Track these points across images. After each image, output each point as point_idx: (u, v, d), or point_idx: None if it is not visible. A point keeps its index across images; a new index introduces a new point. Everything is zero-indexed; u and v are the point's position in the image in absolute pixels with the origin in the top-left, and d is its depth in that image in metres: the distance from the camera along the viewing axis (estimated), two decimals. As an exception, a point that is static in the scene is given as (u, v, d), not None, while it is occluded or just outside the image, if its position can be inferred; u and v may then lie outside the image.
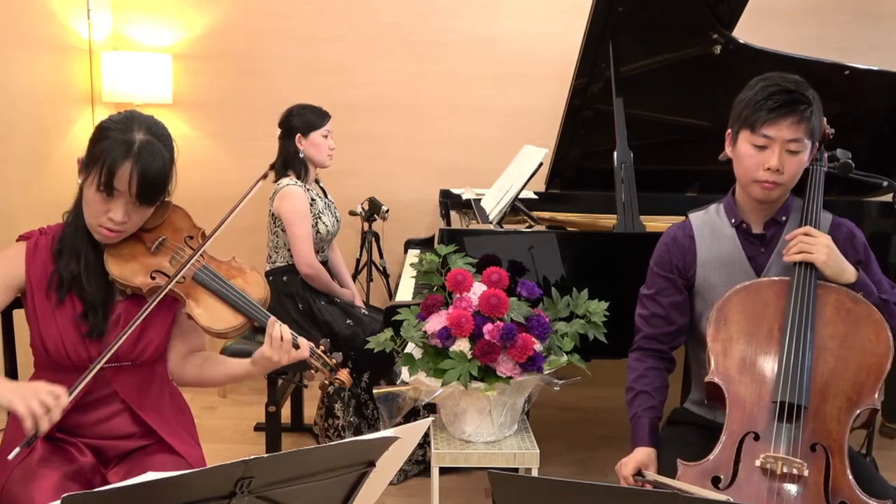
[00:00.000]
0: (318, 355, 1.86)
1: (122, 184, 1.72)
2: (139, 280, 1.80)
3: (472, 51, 4.25)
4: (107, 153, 1.71)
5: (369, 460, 1.32)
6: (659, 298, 2.09)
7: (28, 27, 3.74)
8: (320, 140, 3.33)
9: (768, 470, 1.68)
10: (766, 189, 1.92)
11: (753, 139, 1.91)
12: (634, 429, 1.99)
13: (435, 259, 2.48)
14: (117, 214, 1.75)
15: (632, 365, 2.11)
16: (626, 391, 2.07)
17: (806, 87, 1.91)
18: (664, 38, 3.14)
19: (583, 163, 3.58)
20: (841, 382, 1.77)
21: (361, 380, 3.24)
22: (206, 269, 1.85)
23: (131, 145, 1.72)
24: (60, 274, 1.79)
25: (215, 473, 1.11)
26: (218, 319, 1.81)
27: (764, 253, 2.01)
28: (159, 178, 1.76)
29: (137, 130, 1.75)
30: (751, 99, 1.91)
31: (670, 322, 2.08)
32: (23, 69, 3.69)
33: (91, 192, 1.74)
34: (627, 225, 2.77)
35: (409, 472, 3.18)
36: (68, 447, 1.83)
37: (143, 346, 1.86)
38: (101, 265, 1.81)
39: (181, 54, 4.26)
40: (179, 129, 4.32)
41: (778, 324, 1.83)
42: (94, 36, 4.15)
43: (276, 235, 3.33)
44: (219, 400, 4.11)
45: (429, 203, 4.22)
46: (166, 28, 4.25)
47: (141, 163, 1.72)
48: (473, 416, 2.36)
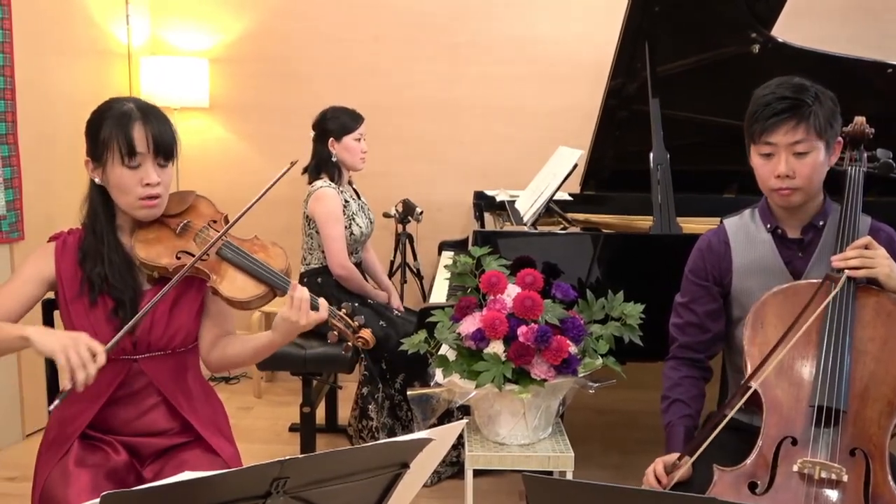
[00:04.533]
0: (339, 317, 1.88)
1: (142, 145, 1.81)
2: (165, 261, 1.85)
3: (507, 51, 4.26)
4: (115, 129, 1.80)
5: (403, 462, 1.33)
6: (693, 307, 2.08)
7: (68, 33, 3.82)
8: (353, 144, 3.35)
9: (806, 475, 1.67)
10: (784, 196, 1.92)
11: (759, 149, 1.92)
12: (669, 437, 1.99)
13: (469, 261, 2.48)
14: (151, 176, 1.83)
15: (667, 374, 2.10)
16: (661, 400, 2.07)
17: (805, 89, 1.88)
18: (701, 38, 3.12)
19: (618, 164, 3.57)
20: (881, 386, 1.75)
21: (395, 381, 3.26)
22: (230, 245, 1.90)
23: (132, 112, 1.82)
24: (90, 278, 1.84)
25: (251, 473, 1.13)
26: (240, 290, 1.85)
27: (802, 258, 1.99)
28: (168, 130, 1.86)
29: (128, 102, 1.85)
30: (750, 110, 1.92)
31: (705, 330, 2.07)
32: (64, 74, 3.77)
33: (116, 172, 1.81)
34: (664, 226, 2.75)
35: (442, 474, 3.19)
36: (103, 446, 1.86)
37: (173, 333, 1.89)
38: (125, 262, 1.87)
39: (218, 58, 4.32)
40: (215, 132, 4.39)
41: (816, 327, 1.81)
42: (133, 41, 4.23)
43: (311, 237, 3.36)
44: (254, 400, 4.16)
45: (463, 205, 4.23)
46: (203, 32, 4.32)
47: (150, 120, 1.83)
48: (507, 419, 2.36)
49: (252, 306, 1.88)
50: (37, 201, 3.56)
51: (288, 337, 1.87)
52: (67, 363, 1.63)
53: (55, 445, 1.84)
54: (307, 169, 3.40)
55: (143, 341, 1.86)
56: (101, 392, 1.84)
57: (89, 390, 1.82)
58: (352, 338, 1.89)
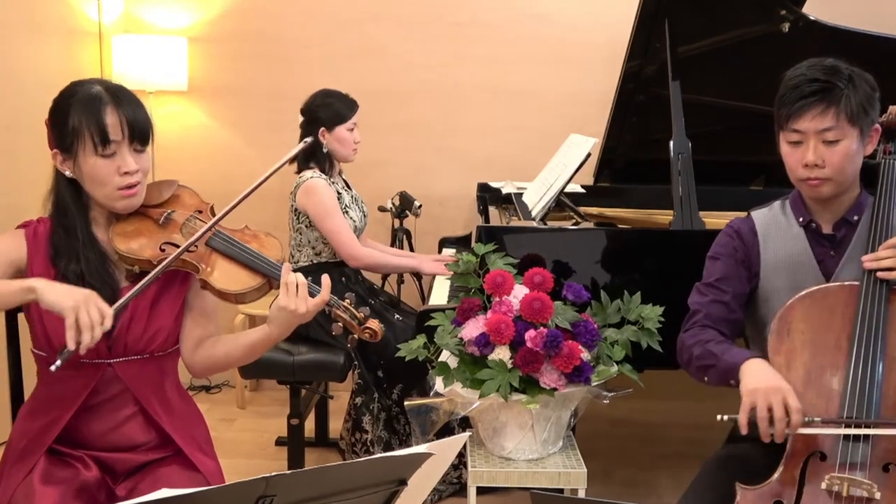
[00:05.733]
0: (344, 307, 1.90)
1: (116, 131, 1.80)
2: (148, 253, 1.86)
3: (515, 31, 4.26)
4: (84, 116, 1.80)
5: (401, 478, 1.34)
6: (721, 286, 2.05)
7: (35, 10, 3.83)
8: (345, 135, 3.36)
9: (834, 493, 1.68)
10: (813, 186, 1.93)
11: (787, 136, 1.93)
12: (728, 355, 1.89)
13: (472, 259, 2.50)
14: (129, 163, 1.82)
15: (686, 342, 2.02)
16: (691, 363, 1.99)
17: (837, 71, 1.88)
18: (726, 15, 3.13)
19: (635, 153, 3.58)
20: (917, 396, 1.76)
21: (392, 391, 3.27)
22: (220, 234, 1.91)
23: (100, 95, 1.82)
24: (65, 276, 1.84)
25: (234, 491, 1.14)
26: (234, 281, 1.87)
27: (834, 256, 2.00)
28: (142, 111, 1.86)
29: (94, 85, 1.85)
30: (779, 94, 1.93)
31: (732, 310, 2.04)
32: (30, 55, 3.78)
33: (90, 162, 1.81)
34: (685, 221, 2.76)
35: (443, 493, 3.20)
36: (72, 461, 1.86)
37: (152, 335, 1.90)
38: (101, 259, 1.87)
39: (197, 37, 4.32)
40: (196, 118, 4.39)
41: (846, 333, 1.82)
42: (105, 18, 4.23)
43: (300, 233, 3.37)
44: (237, 411, 4.17)
45: (466, 198, 4.23)
46: (181, 9, 4.32)
47: (121, 104, 1.82)
48: (514, 432, 2.38)
49: (247, 299, 1.89)
50: (0, 191, 3.57)
51: (287, 328, 1.87)
52: (76, 322, 1.65)
53: (20, 461, 1.84)
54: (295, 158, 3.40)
55: (119, 342, 1.86)
56: (71, 400, 1.84)
57: (58, 399, 1.83)
58: (357, 330, 1.90)
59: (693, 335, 2.01)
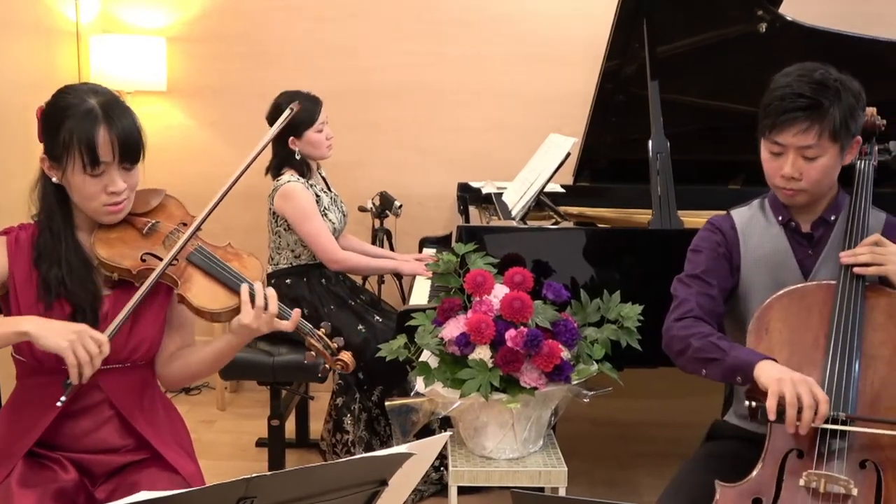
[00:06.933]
0: (318, 337, 1.90)
1: (107, 153, 1.78)
2: (128, 263, 1.85)
3: (494, 30, 4.26)
4: (77, 133, 1.76)
5: (381, 479, 1.34)
6: (706, 278, 2.04)
7: (11, 10, 3.79)
8: (315, 137, 3.33)
9: (811, 489, 1.70)
10: (788, 195, 1.96)
11: (768, 145, 1.94)
12: (739, 352, 1.85)
13: (453, 259, 2.50)
14: (117, 184, 1.81)
15: (679, 332, 1.97)
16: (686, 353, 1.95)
17: (825, 87, 1.87)
18: (703, 15, 3.14)
19: (615, 153, 3.59)
20: (894, 392, 1.78)
21: (373, 392, 3.27)
22: (202, 250, 1.90)
23: (95, 112, 1.78)
24: (47, 280, 1.83)
25: (214, 493, 1.13)
26: (212, 300, 1.86)
27: (811, 255, 2.02)
28: (134, 132, 1.83)
29: (90, 97, 1.80)
30: (766, 101, 1.93)
31: (717, 304, 2.03)
32: (6, 55, 3.75)
33: (78, 179, 1.79)
34: (664, 221, 2.78)
35: (424, 493, 3.20)
36: (50, 464, 1.85)
37: (135, 345, 1.89)
38: (84, 265, 1.86)
39: (176, 37, 4.30)
40: (175, 118, 4.37)
41: (824, 331, 1.84)
42: (82, 18, 4.20)
43: (279, 236, 3.36)
44: (217, 413, 4.15)
45: (446, 198, 4.23)
46: (160, 9, 4.30)
47: (114, 124, 1.78)
48: (495, 431, 2.38)
49: (223, 318, 1.88)
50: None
51: (249, 339, 1.88)
52: (76, 360, 1.66)
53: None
54: (269, 169, 3.38)
55: None
56: (51, 406, 1.81)
57: (37, 404, 1.82)
58: (330, 360, 1.90)
59: (687, 326, 1.97)
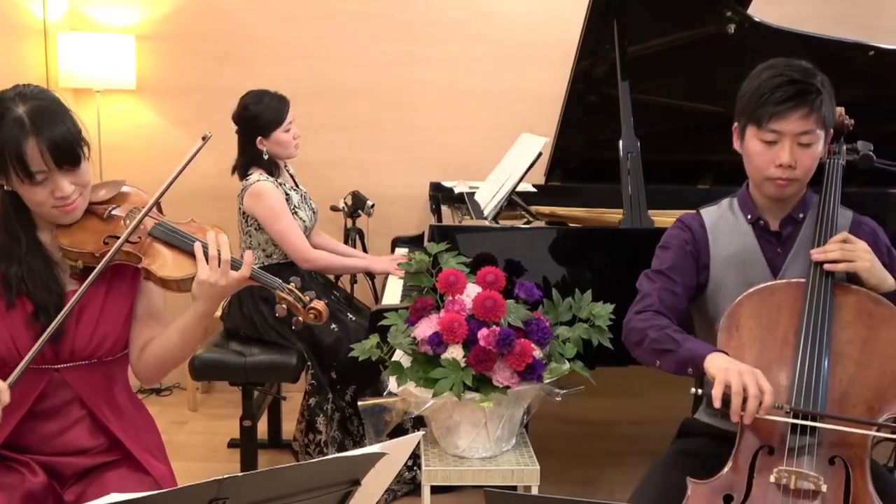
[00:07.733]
0: (288, 290, 1.87)
1: (38, 163, 1.72)
2: (91, 247, 1.83)
3: (466, 31, 4.27)
4: (5, 145, 1.71)
5: (354, 479, 1.34)
6: (671, 275, 2.05)
7: (-23, 7, 3.75)
8: (283, 137, 3.32)
9: (782, 486, 1.71)
10: (780, 186, 1.95)
11: (762, 135, 1.93)
12: (691, 344, 1.87)
13: (425, 258, 2.50)
14: (62, 188, 1.76)
15: (638, 325, 1.99)
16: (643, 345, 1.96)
17: (814, 74, 1.92)
18: (673, 16, 3.16)
19: (586, 153, 3.61)
20: (861, 390, 1.80)
21: (346, 392, 3.26)
22: (163, 223, 1.90)
23: (21, 122, 1.71)
24: (6, 278, 1.81)
25: (186, 494, 1.13)
26: (176, 268, 1.84)
27: (780, 253, 2.04)
28: (68, 136, 1.75)
29: (17, 105, 1.73)
30: (755, 91, 1.93)
31: (680, 301, 2.04)
32: (-29, 52, 3.70)
33: (23, 188, 1.76)
34: (634, 220, 2.79)
35: (398, 492, 3.20)
36: (18, 466, 1.83)
37: (101, 339, 1.86)
38: (46, 264, 1.84)
39: (146, 35, 4.26)
40: (144, 118, 4.33)
41: (794, 329, 1.86)
42: (49, 15, 4.15)
43: (249, 235, 3.35)
44: (188, 414, 4.13)
45: (418, 197, 4.23)
46: (129, 6, 4.26)
47: (42, 133, 1.71)
48: (468, 430, 2.39)
49: (189, 286, 1.86)
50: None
51: (213, 301, 1.83)
52: None
53: None
54: (235, 168, 3.37)
55: (66, 348, 1.83)
56: (18, 406, 1.79)
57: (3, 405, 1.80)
58: (302, 312, 1.86)
59: (646, 319, 1.99)
